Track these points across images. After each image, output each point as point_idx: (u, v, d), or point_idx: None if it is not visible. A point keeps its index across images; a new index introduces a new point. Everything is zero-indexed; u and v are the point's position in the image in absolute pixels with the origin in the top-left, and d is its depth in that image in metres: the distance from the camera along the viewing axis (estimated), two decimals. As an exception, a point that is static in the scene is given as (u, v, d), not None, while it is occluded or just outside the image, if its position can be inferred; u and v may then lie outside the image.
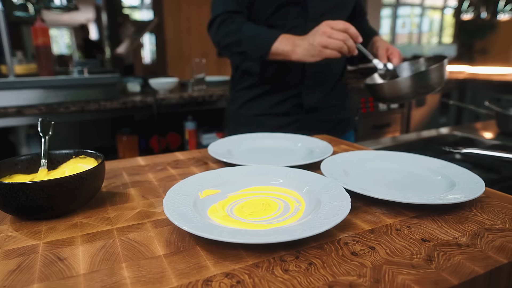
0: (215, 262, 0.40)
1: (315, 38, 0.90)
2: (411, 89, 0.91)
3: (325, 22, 0.90)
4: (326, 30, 0.89)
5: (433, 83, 0.91)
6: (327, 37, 0.89)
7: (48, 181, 0.47)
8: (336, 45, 0.88)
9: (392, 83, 0.94)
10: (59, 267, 0.39)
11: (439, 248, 0.42)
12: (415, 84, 0.90)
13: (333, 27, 0.89)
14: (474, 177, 0.59)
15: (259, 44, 1.00)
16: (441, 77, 0.91)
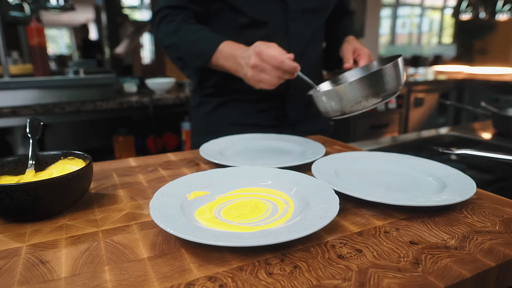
0: (199, 265, 0.39)
1: (247, 71, 0.78)
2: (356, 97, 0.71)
3: (257, 51, 0.75)
4: (257, 63, 0.75)
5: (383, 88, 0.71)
6: (259, 71, 0.76)
7: (33, 183, 0.46)
8: (270, 81, 0.77)
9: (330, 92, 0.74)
10: (40, 271, 0.39)
11: (427, 251, 0.42)
12: (361, 89, 0.70)
13: (264, 59, 0.75)
14: (466, 179, 0.58)
15: (196, 53, 0.88)
16: (395, 80, 0.72)
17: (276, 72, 0.76)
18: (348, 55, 0.93)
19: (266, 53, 0.75)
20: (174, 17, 0.91)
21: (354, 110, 0.73)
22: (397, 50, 7.35)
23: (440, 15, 7.98)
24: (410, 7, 7.69)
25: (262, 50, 0.75)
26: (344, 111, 0.74)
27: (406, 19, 7.79)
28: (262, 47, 0.75)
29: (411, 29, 7.78)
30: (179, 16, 0.91)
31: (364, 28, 3.64)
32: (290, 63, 0.75)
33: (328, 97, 0.74)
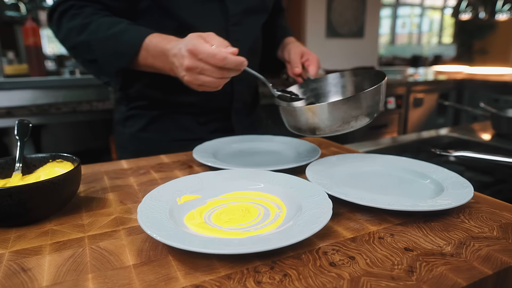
0: (185, 273, 0.38)
1: (182, 75, 0.64)
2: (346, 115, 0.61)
3: (190, 49, 0.60)
4: (193, 65, 0.60)
5: (375, 107, 0.62)
6: (197, 74, 0.61)
7: (16, 187, 0.45)
8: (215, 84, 0.63)
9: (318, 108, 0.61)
10: (21, 279, 0.38)
11: (422, 258, 0.40)
12: (355, 107, 0.60)
13: (202, 59, 0.60)
14: (464, 182, 0.57)
15: (115, 51, 0.71)
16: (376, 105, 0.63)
17: (219, 73, 0.61)
18: (297, 60, 0.86)
19: (202, 51, 0.59)
20: (81, 10, 0.74)
21: (338, 130, 0.63)
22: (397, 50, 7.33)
23: (440, 15, 7.97)
24: (410, 7, 7.68)
25: (197, 47, 0.60)
26: (324, 130, 0.63)
27: (406, 19, 7.78)
28: (196, 42, 0.60)
29: (411, 29, 7.77)
30: (87, 8, 0.74)
31: (363, 28, 3.62)
32: (234, 60, 0.60)
33: (313, 113, 0.62)
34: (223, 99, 0.89)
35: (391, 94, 2.64)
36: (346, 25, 3.52)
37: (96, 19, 0.73)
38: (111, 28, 0.71)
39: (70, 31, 0.74)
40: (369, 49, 3.73)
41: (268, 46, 1.01)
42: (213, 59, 0.59)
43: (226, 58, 0.59)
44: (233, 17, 0.83)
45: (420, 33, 7.88)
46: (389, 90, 2.63)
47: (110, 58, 0.73)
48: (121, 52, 0.70)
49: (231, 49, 0.61)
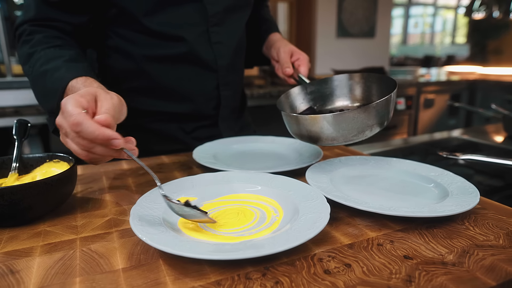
0: (175, 279, 0.37)
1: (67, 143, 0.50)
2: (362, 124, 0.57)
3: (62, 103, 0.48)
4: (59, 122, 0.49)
5: (387, 116, 0.60)
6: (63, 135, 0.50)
7: (8, 188, 0.44)
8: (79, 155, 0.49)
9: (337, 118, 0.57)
10: (8, 281, 0.37)
11: (422, 267, 0.38)
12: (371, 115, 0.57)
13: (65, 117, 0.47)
14: (469, 187, 0.55)
15: (44, 90, 0.64)
16: (387, 113, 0.60)
17: (77, 140, 0.47)
18: (287, 59, 0.81)
19: (65, 109, 0.47)
20: (31, 36, 0.69)
21: (352, 139, 0.59)
22: (409, 50, 7.24)
23: (454, 14, 7.84)
24: (423, 6, 7.57)
25: (66, 103, 0.47)
26: (338, 140, 0.59)
27: (418, 19, 7.68)
28: (71, 99, 0.47)
29: (423, 28, 7.67)
30: (36, 35, 0.69)
31: (375, 28, 3.58)
32: (93, 130, 0.45)
33: (328, 123, 0.57)
34: (209, 105, 0.86)
35: (401, 95, 2.60)
36: (357, 25, 3.48)
37: (39, 51, 0.67)
38: (46, 65, 0.64)
39: (20, 59, 0.71)
40: (380, 49, 3.68)
41: (251, 40, 0.95)
42: (70, 119, 0.46)
43: (80, 124, 0.45)
44: (214, 16, 0.78)
45: (433, 33, 7.77)
46: (399, 90, 2.59)
47: (40, 97, 0.66)
48: (47, 94, 0.62)
49: (102, 116, 0.47)
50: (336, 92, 0.76)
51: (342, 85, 0.76)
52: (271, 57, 0.89)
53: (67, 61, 0.64)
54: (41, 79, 0.63)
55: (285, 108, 0.73)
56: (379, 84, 0.70)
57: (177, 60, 0.78)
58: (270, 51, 0.90)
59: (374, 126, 0.58)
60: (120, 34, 0.77)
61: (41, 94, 0.65)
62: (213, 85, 0.84)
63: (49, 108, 0.63)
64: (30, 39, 0.69)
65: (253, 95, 2.03)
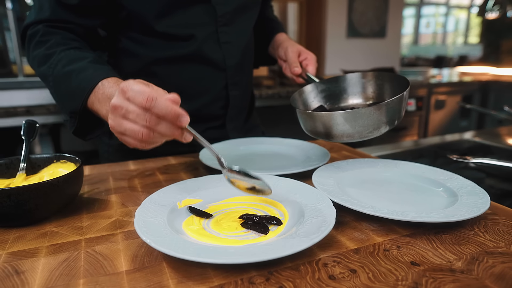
0: (178, 282, 0.37)
1: (108, 118, 0.50)
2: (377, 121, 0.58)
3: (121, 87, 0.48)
4: (118, 104, 0.48)
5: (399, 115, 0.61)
6: (120, 117, 0.48)
7: (15, 188, 0.45)
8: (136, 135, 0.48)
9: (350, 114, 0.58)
10: (13, 282, 0.37)
11: (429, 273, 0.38)
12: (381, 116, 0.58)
13: (129, 97, 0.47)
14: (480, 191, 0.53)
15: (68, 90, 0.62)
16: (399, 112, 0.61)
17: (143, 120, 0.47)
18: (295, 59, 0.81)
19: (132, 88, 0.47)
20: (47, 37, 0.68)
21: (365, 136, 0.60)
22: (421, 50, 7.16)
23: (467, 14, 7.73)
24: (435, 6, 7.48)
25: (129, 85, 0.47)
26: (353, 136, 0.60)
27: (430, 19, 7.59)
28: (133, 82, 0.48)
29: (435, 28, 7.57)
30: (53, 36, 0.68)
31: (385, 28, 3.55)
32: (166, 105, 0.47)
33: (345, 119, 0.58)
34: (218, 105, 0.85)
35: (411, 96, 2.57)
36: (368, 25, 3.45)
37: (59, 52, 0.66)
38: (69, 65, 0.63)
39: (34, 60, 0.69)
40: (391, 50, 3.64)
41: (256, 40, 0.95)
42: (140, 96, 0.46)
43: (155, 99, 0.46)
44: (223, 17, 0.78)
45: (445, 33, 7.67)
46: (410, 91, 2.56)
47: (63, 98, 0.65)
48: (72, 93, 0.61)
49: (172, 95, 0.48)
50: (348, 91, 0.76)
51: (354, 83, 0.75)
52: (278, 57, 0.89)
53: (92, 62, 0.64)
54: (65, 80, 0.63)
55: (299, 105, 0.73)
56: (391, 83, 0.70)
57: (186, 60, 0.79)
58: (277, 51, 0.89)
59: (388, 123, 0.59)
60: (129, 36, 0.78)
61: (64, 94, 0.64)
62: (222, 85, 0.83)
63: (73, 108, 0.62)
64: (46, 40, 0.68)
65: (261, 95, 2.02)
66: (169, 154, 0.82)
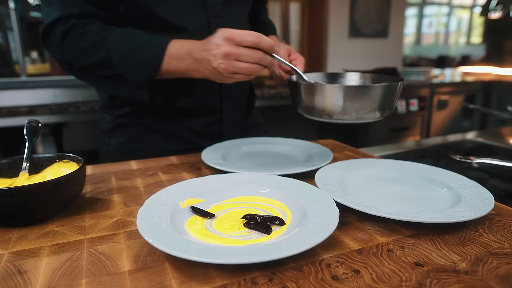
0: (180, 282, 0.37)
1: (218, 63, 0.63)
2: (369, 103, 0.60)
3: (225, 36, 0.62)
4: (230, 51, 0.61)
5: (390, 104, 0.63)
6: (233, 60, 0.62)
7: (18, 188, 0.45)
8: (249, 70, 0.63)
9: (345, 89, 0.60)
10: (16, 281, 0.37)
11: (433, 274, 0.37)
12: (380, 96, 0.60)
13: (239, 43, 0.61)
14: (484, 192, 0.53)
15: (140, 62, 0.70)
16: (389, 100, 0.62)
17: (255, 54, 0.62)
18: (285, 56, 0.82)
19: (238, 34, 0.61)
20: (86, 27, 0.71)
21: (361, 118, 0.61)
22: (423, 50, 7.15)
23: (469, 14, 7.71)
24: (438, 6, 7.46)
25: (232, 32, 0.61)
26: (350, 114, 0.61)
27: (433, 18, 7.57)
28: (230, 30, 0.62)
29: (438, 28, 7.55)
30: (91, 26, 0.72)
31: (388, 28, 3.54)
32: (268, 40, 0.62)
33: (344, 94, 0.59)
34: (213, 98, 0.86)
35: (413, 96, 2.56)
36: (370, 24, 3.44)
37: (109, 35, 0.71)
38: (130, 41, 0.71)
39: (82, 52, 0.72)
40: (393, 50, 3.64)
41: None
42: (250, 36, 0.61)
43: (261, 36, 0.62)
44: (214, 8, 0.80)
45: (447, 33, 7.65)
46: (412, 91, 2.55)
47: (136, 70, 0.71)
48: (146, 63, 0.70)
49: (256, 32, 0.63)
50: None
51: (351, 80, 0.75)
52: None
53: (146, 33, 0.72)
54: (130, 55, 0.70)
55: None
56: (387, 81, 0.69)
57: None
58: None
59: (381, 108, 0.61)
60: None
61: (135, 66, 0.70)
62: None
63: (147, 76, 0.71)
64: (87, 30, 0.71)
65: (264, 95, 2.02)
66: (170, 153, 0.82)
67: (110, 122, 0.87)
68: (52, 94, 1.50)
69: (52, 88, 1.49)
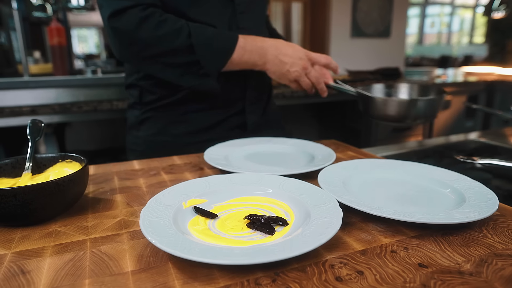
0: (183, 282, 0.37)
1: (293, 70, 0.83)
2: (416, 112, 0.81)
3: (310, 57, 0.84)
4: (307, 65, 0.83)
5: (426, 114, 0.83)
6: (304, 73, 0.83)
7: (21, 188, 0.45)
8: (307, 85, 0.85)
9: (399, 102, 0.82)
10: (19, 282, 0.37)
11: (437, 275, 0.37)
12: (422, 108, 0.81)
13: (315, 62, 0.85)
14: (488, 193, 0.53)
15: (216, 51, 0.79)
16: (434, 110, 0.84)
17: (317, 78, 0.84)
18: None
19: (318, 59, 0.84)
20: (164, 17, 0.77)
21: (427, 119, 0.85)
22: (425, 50, 7.13)
23: (472, 13, 7.69)
24: (440, 5, 7.45)
25: (314, 56, 0.84)
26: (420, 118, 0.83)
27: (435, 18, 7.56)
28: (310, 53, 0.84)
29: (440, 28, 7.54)
30: (166, 15, 0.78)
31: (390, 28, 3.53)
32: (335, 64, 0.86)
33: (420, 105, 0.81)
34: (236, 89, 0.92)
35: (416, 96, 2.55)
36: (372, 24, 3.44)
37: (185, 25, 0.77)
38: (205, 32, 0.78)
39: (163, 38, 0.76)
40: (395, 49, 3.63)
41: None
42: (323, 58, 0.85)
43: (330, 59, 0.86)
44: (240, 5, 0.86)
45: (449, 33, 7.63)
46: (415, 91, 2.54)
47: (212, 58, 0.79)
48: (221, 52, 0.79)
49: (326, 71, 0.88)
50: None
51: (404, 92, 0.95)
52: None
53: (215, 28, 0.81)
54: (207, 44, 0.78)
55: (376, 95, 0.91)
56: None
57: None
58: None
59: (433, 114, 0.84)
60: None
61: (211, 54, 0.79)
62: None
63: (219, 66, 0.80)
64: (165, 18, 0.77)
65: (278, 95, 2.02)
66: (194, 144, 0.90)
67: (138, 116, 0.92)
68: (55, 94, 1.50)
69: (55, 88, 1.49)
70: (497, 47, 5.32)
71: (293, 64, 0.82)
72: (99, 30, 6.04)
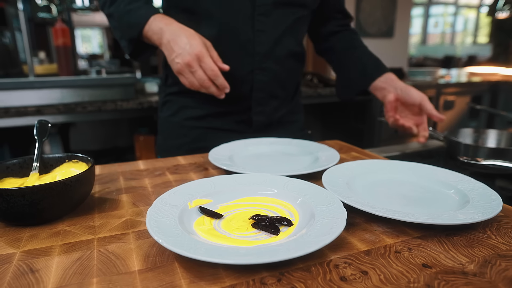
0: (190, 282, 0.37)
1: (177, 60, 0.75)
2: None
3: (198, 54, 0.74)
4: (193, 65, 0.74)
5: None
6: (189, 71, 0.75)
7: (29, 188, 0.45)
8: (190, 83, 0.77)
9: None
10: (28, 280, 0.38)
11: (441, 276, 0.38)
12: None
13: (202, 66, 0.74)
14: (492, 194, 0.53)
15: (128, 24, 0.84)
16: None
17: (204, 81, 0.75)
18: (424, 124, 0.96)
19: (207, 62, 0.74)
20: None
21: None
22: (429, 50, 7.11)
23: (476, 13, 7.66)
24: (444, 5, 7.42)
25: (204, 56, 0.74)
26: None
27: (439, 18, 7.53)
28: (204, 51, 0.74)
29: (444, 28, 7.51)
30: None
31: (393, 28, 3.53)
32: (223, 81, 0.75)
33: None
34: (244, 88, 0.91)
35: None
36: (375, 24, 3.44)
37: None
38: (129, 5, 0.84)
39: (104, 3, 0.88)
40: (398, 49, 3.63)
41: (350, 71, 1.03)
42: (210, 72, 0.74)
43: (219, 77, 0.75)
44: (261, 7, 0.85)
45: (453, 33, 7.61)
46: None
47: (125, 29, 0.85)
48: (131, 25, 0.83)
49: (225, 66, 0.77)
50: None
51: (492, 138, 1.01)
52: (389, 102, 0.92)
53: (146, 3, 0.84)
54: (126, 16, 0.83)
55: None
56: None
57: (217, 40, 0.82)
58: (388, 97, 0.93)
59: None
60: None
61: (125, 26, 0.84)
62: (249, 69, 0.88)
63: (131, 36, 0.83)
64: None
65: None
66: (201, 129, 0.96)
67: (162, 98, 1.02)
68: (60, 94, 1.51)
69: (60, 88, 1.50)
70: (501, 47, 5.30)
71: (178, 55, 0.75)
72: (102, 30, 6.06)
